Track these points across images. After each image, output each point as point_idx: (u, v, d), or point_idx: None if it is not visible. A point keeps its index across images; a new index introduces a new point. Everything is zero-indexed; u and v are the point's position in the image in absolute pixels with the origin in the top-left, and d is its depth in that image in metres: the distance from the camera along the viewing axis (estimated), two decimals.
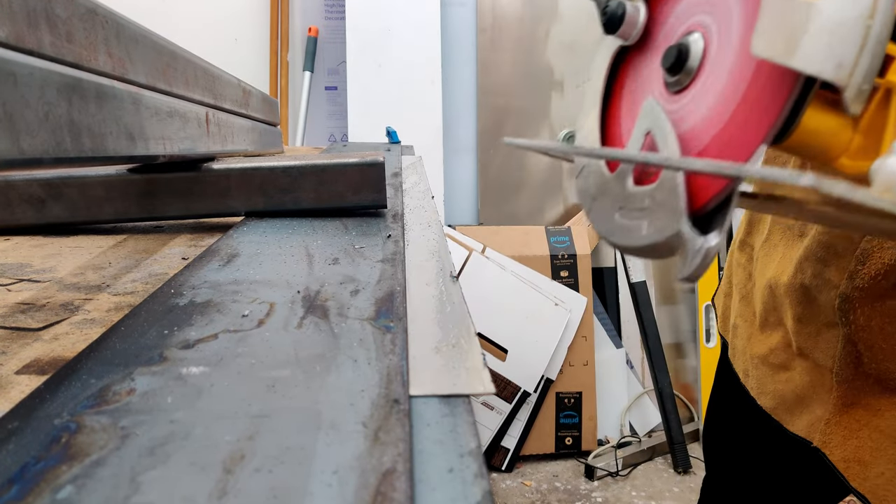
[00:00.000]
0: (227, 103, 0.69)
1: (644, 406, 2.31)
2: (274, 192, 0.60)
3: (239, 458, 0.21)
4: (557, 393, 2.15)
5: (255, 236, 0.52)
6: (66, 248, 0.55)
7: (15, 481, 0.20)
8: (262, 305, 0.35)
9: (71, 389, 0.26)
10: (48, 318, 0.37)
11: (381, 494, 0.19)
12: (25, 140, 0.28)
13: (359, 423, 0.23)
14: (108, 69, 0.38)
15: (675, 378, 2.35)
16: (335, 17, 2.26)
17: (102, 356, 0.29)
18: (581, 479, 2.06)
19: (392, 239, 0.51)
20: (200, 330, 0.32)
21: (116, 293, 0.42)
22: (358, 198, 0.61)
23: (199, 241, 0.57)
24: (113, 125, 0.38)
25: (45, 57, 0.30)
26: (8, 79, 0.27)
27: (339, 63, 2.28)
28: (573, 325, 2.14)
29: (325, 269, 0.42)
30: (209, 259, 0.44)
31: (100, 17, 0.37)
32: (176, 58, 0.52)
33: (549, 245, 2.22)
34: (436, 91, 2.18)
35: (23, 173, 0.58)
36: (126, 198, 0.60)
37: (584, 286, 2.19)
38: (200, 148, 0.57)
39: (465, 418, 0.25)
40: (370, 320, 0.33)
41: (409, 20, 2.13)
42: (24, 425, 0.23)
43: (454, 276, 0.43)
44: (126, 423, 0.23)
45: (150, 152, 0.44)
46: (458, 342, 0.32)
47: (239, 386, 0.26)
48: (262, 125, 0.91)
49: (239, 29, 2.28)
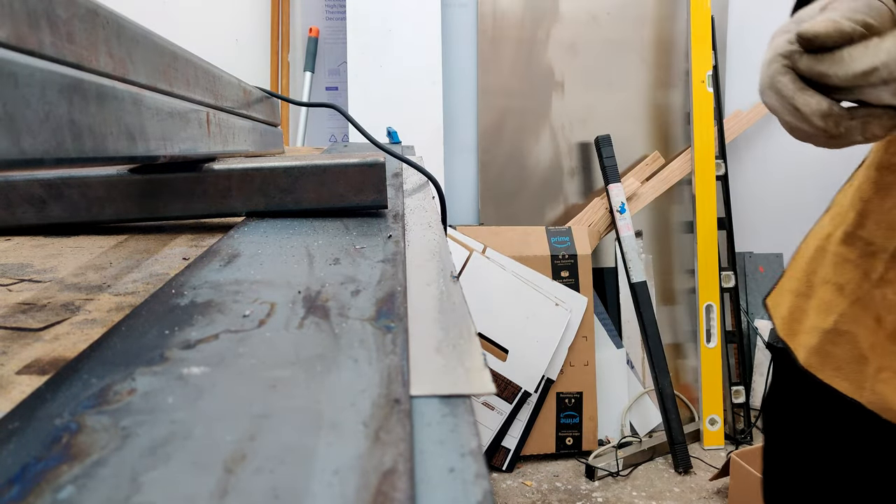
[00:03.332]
0: (227, 104, 0.69)
1: (644, 406, 2.31)
2: (275, 192, 0.60)
3: (240, 458, 0.21)
4: (558, 393, 2.15)
5: (256, 236, 0.52)
6: (67, 248, 0.55)
7: (16, 481, 0.20)
8: (262, 305, 0.35)
9: (72, 389, 0.26)
10: (49, 319, 0.37)
11: (382, 494, 0.19)
12: (26, 140, 0.28)
13: (360, 422, 0.23)
14: (109, 70, 0.38)
15: (675, 378, 2.35)
16: (336, 17, 2.26)
17: (103, 356, 0.29)
18: (582, 479, 2.06)
19: (393, 239, 0.51)
20: (201, 330, 0.32)
21: (117, 293, 0.42)
22: (359, 198, 0.61)
23: (199, 241, 0.57)
24: (114, 125, 0.38)
25: (45, 57, 0.30)
26: (9, 79, 0.27)
27: (340, 63, 2.28)
28: (574, 325, 2.14)
29: (325, 270, 0.42)
30: (210, 259, 0.44)
31: (101, 18, 0.37)
32: (177, 58, 0.52)
33: (549, 245, 2.22)
34: (436, 91, 2.18)
35: (24, 173, 0.58)
36: (127, 198, 0.60)
37: (585, 286, 2.19)
38: (201, 148, 0.57)
39: (466, 418, 0.25)
40: (371, 320, 0.33)
41: (409, 21, 2.13)
42: (24, 425, 0.23)
43: (455, 277, 0.43)
44: (127, 423, 0.23)
45: (151, 153, 0.44)
46: (458, 342, 0.32)
47: (240, 386, 0.26)
48: (262, 125, 0.91)
49: (240, 29, 2.28)
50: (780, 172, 2.52)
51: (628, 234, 2.23)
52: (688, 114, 2.36)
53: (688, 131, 2.38)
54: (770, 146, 2.50)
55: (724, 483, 1.97)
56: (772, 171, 2.52)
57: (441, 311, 0.36)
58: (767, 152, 2.50)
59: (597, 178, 2.37)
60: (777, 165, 2.51)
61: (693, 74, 2.28)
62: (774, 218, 2.55)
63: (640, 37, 2.35)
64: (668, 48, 2.37)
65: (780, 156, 2.51)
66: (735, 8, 2.40)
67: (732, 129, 2.40)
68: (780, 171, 2.52)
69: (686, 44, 2.33)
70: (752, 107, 2.42)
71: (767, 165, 2.51)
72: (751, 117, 2.41)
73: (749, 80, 2.44)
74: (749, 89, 2.44)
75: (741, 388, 2.33)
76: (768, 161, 2.51)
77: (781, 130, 0.55)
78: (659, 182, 2.36)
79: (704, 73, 2.28)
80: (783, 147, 2.49)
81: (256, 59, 2.28)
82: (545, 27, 2.31)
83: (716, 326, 2.28)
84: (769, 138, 2.49)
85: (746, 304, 2.51)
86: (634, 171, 2.37)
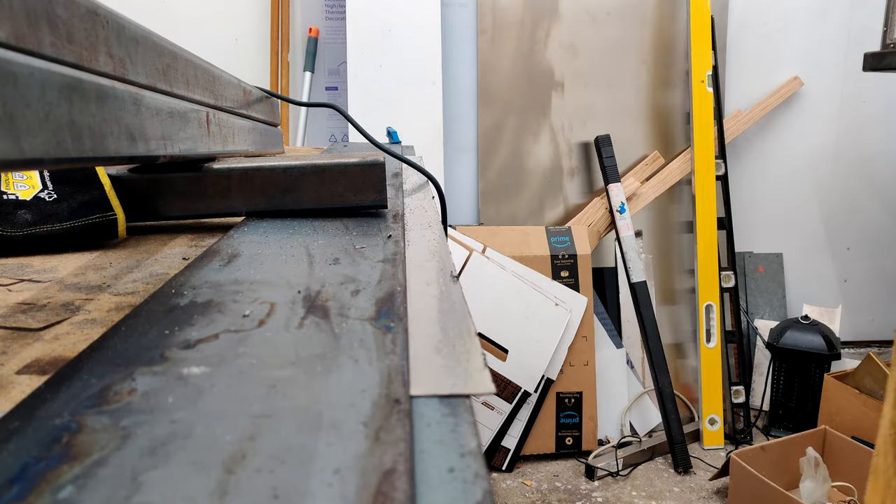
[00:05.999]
0: (227, 104, 0.69)
1: (644, 406, 2.31)
2: (274, 192, 0.60)
3: (240, 458, 0.21)
4: (558, 393, 2.15)
5: (256, 236, 0.52)
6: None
7: (16, 481, 0.20)
8: (262, 305, 0.35)
9: (72, 389, 0.26)
10: (49, 318, 0.37)
11: (382, 494, 0.19)
12: (26, 140, 0.28)
13: (359, 422, 0.23)
14: (109, 69, 0.38)
15: (675, 378, 2.35)
16: (336, 17, 2.26)
17: (103, 356, 0.29)
18: (581, 478, 2.06)
19: (392, 239, 0.51)
20: (201, 330, 0.32)
21: (117, 293, 0.42)
22: (359, 198, 0.61)
23: (199, 241, 0.57)
24: (114, 125, 0.38)
25: (45, 57, 0.30)
26: (8, 79, 0.27)
27: (340, 63, 2.28)
28: (573, 325, 2.14)
29: (325, 270, 0.42)
30: (210, 259, 0.44)
31: (100, 18, 0.37)
32: (177, 58, 0.52)
33: (549, 245, 2.22)
34: (436, 91, 2.18)
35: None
36: (127, 198, 0.60)
37: (585, 286, 2.19)
38: (201, 148, 0.57)
39: (466, 418, 0.25)
40: (371, 320, 0.33)
41: (409, 21, 2.13)
42: (25, 425, 0.23)
43: (454, 277, 0.43)
44: (127, 423, 0.23)
45: (151, 153, 0.44)
46: (458, 342, 0.32)
47: (240, 386, 0.26)
48: (262, 125, 0.91)
49: (239, 29, 2.28)
50: (779, 172, 2.52)
51: (628, 233, 2.23)
52: (688, 114, 2.36)
53: (688, 131, 2.38)
54: (770, 146, 2.50)
55: (724, 483, 1.97)
56: (771, 171, 2.52)
57: (441, 311, 0.36)
58: (767, 152, 2.50)
59: (597, 178, 2.37)
60: (777, 165, 2.51)
61: (693, 74, 2.28)
62: (774, 218, 2.55)
63: (640, 37, 2.35)
64: (668, 48, 2.37)
65: (780, 155, 2.51)
66: (735, 8, 2.40)
67: (732, 129, 2.40)
68: (780, 170, 2.52)
69: (686, 44, 2.33)
70: (752, 106, 2.42)
71: (767, 165, 2.51)
72: (751, 117, 2.41)
73: (749, 80, 2.44)
74: (749, 89, 2.45)
75: (741, 387, 2.33)
76: (768, 161, 2.51)
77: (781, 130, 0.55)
78: (659, 182, 2.36)
79: (704, 73, 2.28)
80: (783, 147, 2.50)
81: (256, 59, 2.28)
82: (545, 27, 2.31)
83: (716, 326, 2.28)
84: (769, 138, 2.49)
85: (746, 303, 2.51)
86: (634, 171, 2.37)
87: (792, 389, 2.25)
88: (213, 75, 0.64)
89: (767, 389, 2.31)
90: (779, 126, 2.48)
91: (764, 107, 2.42)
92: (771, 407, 2.31)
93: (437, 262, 0.47)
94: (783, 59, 2.44)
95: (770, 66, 2.44)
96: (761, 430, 2.33)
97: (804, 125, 2.48)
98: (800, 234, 2.57)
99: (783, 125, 2.48)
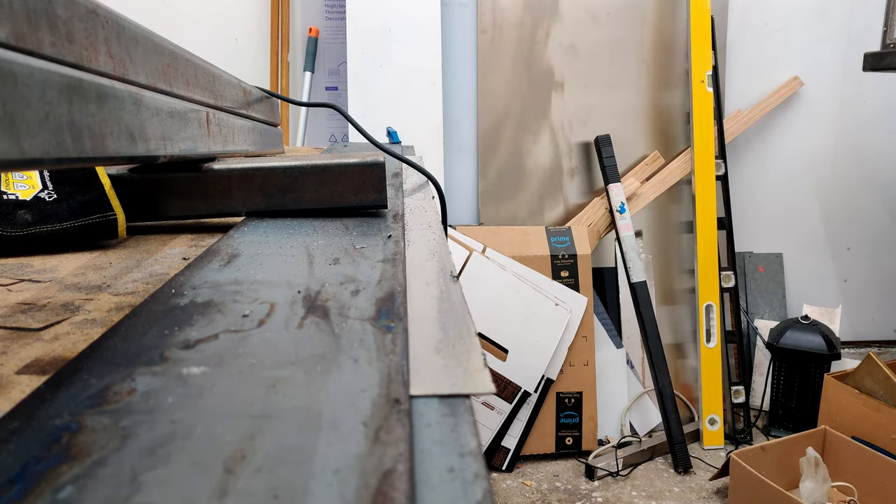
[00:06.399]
0: (227, 104, 0.69)
1: (644, 406, 2.31)
2: (274, 192, 0.60)
3: (240, 458, 0.21)
4: (558, 393, 2.15)
5: (256, 236, 0.52)
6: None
7: (16, 481, 0.20)
8: (262, 305, 0.35)
9: (72, 389, 0.26)
10: (49, 318, 0.37)
11: (382, 494, 0.19)
12: (26, 140, 0.28)
13: (359, 422, 0.23)
14: (109, 69, 0.38)
15: (675, 378, 2.35)
16: (336, 17, 2.26)
17: (103, 356, 0.29)
18: (581, 478, 2.06)
19: (392, 239, 0.51)
20: (201, 330, 0.32)
21: (117, 293, 0.42)
22: (359, 198, 0.61)
23: (199, 241, 0.57)
24: (113, 125, 0.38)
25: (45, 57, 0.30)
26: (8, 79, 0.27)
27: (340, 63, 2.28)
28: (573, 325, 2.14)
29: (325, 270, 0.42)
30: (210, 259, 0.44)
31: (100, 18, 0.37)
32: (176, 58, 0.52)
33: (549, 245, 2.22)
34: (436, 91, 2.18)
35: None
36: (127, 198, 0.60)
37: (585, 286, 2.19)
38: (201, 148, 0.57)
39: (466, 418, 0.25)
40: (371, 320, 0.33)
41: (409, 21, 2.13)
42: (24, 425, 0.23)
43: (454, 277, 0.43)
44: (127, 423, 0.23)
45: (151, 153, 0.44)
46: (458, 342, 0.32)
47: (240, 386, 0.26)
48: (262, 125, 0.91)
49: (239, 29, 2.28)
50: (779, 172, 2.52)
51: (628, 233, 2.23)
52: (687, 114, 2.36)
53: (687, 131, 2.38)
54: (770, 146, 2.50)
55: (724, 483, 1.97)
56: (771, 171, 2.52)
57: (441, 311, 0.36)
58: (767, 152, 2.50)
59: (597, 178, 2.37)
60: (777, 165, 2.51)
61: (693, 74, 2.28)
62: (774, 218, 2.55)
63: (640, 37, 2.35)
64: (668, 48, 2.37)
65: (780, 155, 2.51)
66: (735, 8, 2.40)
67: (732, 129, 2.40)
68: (780, 170, 2.52)
69: (686, 44, 2.33)
70: (752, 106, 2.42)
71: (767, 165, 2.51)
72: (751, 117, 2.41)
73: (749, 80, 2.44)
74: (749, 89, 2.45)
75: (741, 387, 2.33)
76: (768, 161, 2.51)
77: (781, 130, 0.55)
78: (659, 182, 2.36)
79: (704, 73, 2.28)
80: (783, 147, 2.50)
81: (256, 59, 2.28)
82: (545, 27, 2.31)
83: (715, 326, 2.28)
84: (769, 138, 2.49)
85: (746, 303, 2.51)
86: (634, 171, 2.37)
87: (792, 389, 2.25)
88: (213, 75, 0.64)
89: (767, 389, 2.31)
90: (779, 126, 2.48)
91: (764, 107, 2.42)
92: (771, 407, 2.31)
93: (437, 262, 0.47)
94: (783, 60, 2.44)
95: (770, 66, 2.44)
96: (761, 430, 2.33)
97: (804, 125, 2.48)
98: (800, 234, 2.57)
99: (783, 125, 2.48)
